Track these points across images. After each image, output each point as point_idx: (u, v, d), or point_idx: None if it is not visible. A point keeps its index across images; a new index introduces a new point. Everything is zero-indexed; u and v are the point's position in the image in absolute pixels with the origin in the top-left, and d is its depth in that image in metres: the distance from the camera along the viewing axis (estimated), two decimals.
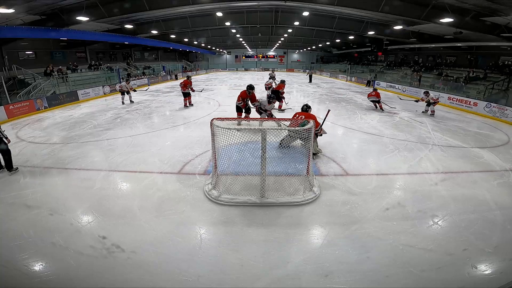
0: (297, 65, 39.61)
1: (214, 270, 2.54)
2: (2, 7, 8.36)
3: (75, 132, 7.25)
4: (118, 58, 22.84)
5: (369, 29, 16.00)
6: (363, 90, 17.90)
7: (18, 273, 2.51)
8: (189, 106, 10.73)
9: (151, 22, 16.94)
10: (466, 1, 8.99)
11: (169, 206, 3.57)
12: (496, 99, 10.61)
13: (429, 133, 7.28)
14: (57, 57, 16.92)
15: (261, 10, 17.03)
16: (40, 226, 3.15)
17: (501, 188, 4.22)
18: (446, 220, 3.35)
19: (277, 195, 3.73)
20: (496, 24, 10.68)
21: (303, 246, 2.89)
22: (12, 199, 3.78)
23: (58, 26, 11.79)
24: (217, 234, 3.10)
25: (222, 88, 17.97)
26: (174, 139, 6.30)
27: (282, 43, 31.66)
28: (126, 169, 4.75)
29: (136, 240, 2.92)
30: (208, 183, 4.04)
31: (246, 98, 7.25)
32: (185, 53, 35.75)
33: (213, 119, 3.77)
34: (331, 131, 7.12)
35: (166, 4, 12.08)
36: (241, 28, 21.95)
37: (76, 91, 12.56)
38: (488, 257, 2.72)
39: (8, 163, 4.71)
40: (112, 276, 2.47)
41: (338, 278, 2.45)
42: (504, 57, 14.66)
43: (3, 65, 13.02)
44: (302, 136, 3.79)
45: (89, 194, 3.92)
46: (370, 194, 3.91)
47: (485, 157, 5.57)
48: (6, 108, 8.83)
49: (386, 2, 10.84)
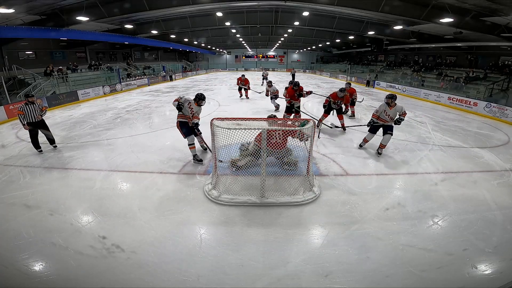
0: (297, 65, 39.60)
1: (214, 270, 2.54)
2: (2, 7, 8.37)
3: (75, 132, 7.25)
4: (118, 58, 22.85)
5: (369, 29, 16.02)
6: (363, 90, 17.91)
7: (18, 273, 2.51)
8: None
9: (151, 22, 16.96)
10: (466, 1, 8.99)
11: (169, 206, 3.57)
12: (496, 99, 10.61)
13: (429, 133, 7.28)
14: (57, 57, 16.94)
15: (261, 10, 17.04)
16: (40, 226, 3.14)
17: (501, 188, 4.22)
18: (446, 220, 3.35)
19: (277, 195, 3.73)
20: (496, 24, 10.69)
21: (303, 246, 2.89)
22: (12, 199, 3.78)
23: (58, 26, 11.80)
24: (217, 234, 3.10)
25: (222, 88, 17.97)
26: (174, 139, 6.29)
27: (282, 43, 31.68)
28: (126, 169, 4.75)
29: (136, 240, 2.92)
30: (208, 183, 4.04)
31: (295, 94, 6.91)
32: (185, 53, 35.79)
33: (213, 119, 3.77)
34: (331, 131, 7.13)
35: (166, 4, 12.10)
36: (241, 28, 21.96)
37: (76, 91, 12.55)
38: (488, 257, 2.72)
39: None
40: (112, 276, 2.47)
41: (338, 278, 2.45)
42: (504, 57, 14.68)
43: (3, 65, 13.02)
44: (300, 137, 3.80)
45: (89, 194, 3.92)
46: (370, 194, 3.91)
47: (485, 157, 5.57)
48: (6, 108, 8.82)
49: (386, 2, 10.85)
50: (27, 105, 5.28)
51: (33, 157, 5.36)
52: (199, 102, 4.90)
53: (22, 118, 5.22)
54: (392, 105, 5.18)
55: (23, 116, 5.22)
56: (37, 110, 5.40)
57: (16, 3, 8.89)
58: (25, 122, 5.25)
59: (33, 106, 5.34)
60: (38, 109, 5.43)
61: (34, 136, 5.43)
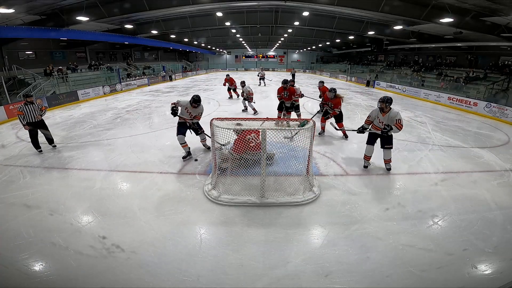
0: (297, 65, 39.60)
1: (214, 270, 2.54)
2: (2, 7, 8.36)
3: (75, 132, 7.25)
4: (118, 58, 22.85)
5: (369, 29, 16.01)
6: (363, 90, 17.91)
7: (18, 273, 2.51)
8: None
9: (151, 22, 16.95)
10: (466, 1, 8.99)
11: (169, 206, 3.57)
12: (496, 99, 10.61)
13: (429, 133, 7.28)
14: (57, 57, 16.93)
15: (261, 10, 17.03)
16: (40, 226, 3.14)
17: (501, 188, 4.22)
18: (446, 220, 3.35)
19: (277, 195, 3.73)
20: (496, 24, 10.69)
21: (303, 246, 2.89)
22: (12, 199, 3.78)
23: (58, 26, 11.80)
24: (217, 234, 3.10)
25: (222, 88, 17.93)
26: (174, 139, 6.25)
27: (282, 43, 31.68)
28: (126, 169, 4.75)
29: (136, 240, 2.92)
30: (208, 183, 4.04)
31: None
32: (185, 53, 35.78)
33: (212, 119, 3.78)
34: (331, 131, 7.12)
35: (166, 4, 12.09)
36: (241, 28, 21.96)
37: (76, 91, 12.55)
38: (488, 257, 2.72)
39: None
40: (112, 276, 2.47)
41: (338, 278, 2.45)
42: (504, 57, 14.68)
43: (3, 65, 13.02)
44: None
45: (89, 194, 3.92)
46: (370, 194, 3.91)
47: (485, 157, 5.57)
48: (6, 108, 8.82)
49: (386, 2, 10.85)
50: (27, 105, 5.28)
51: (33, 157, 5.36)
52: (193, 105, 4.92)
53: (22, 118, 5.23)
54: (386, 111, 4.27)
55: (23, 116, 5.23)
56: (37, 110, 5.40)
57: (16, 3, 8.89)
58: (25, 122, 5.25)
59: (32, 106, 5.34)
60: (38, 109, 5.43)
61: (34, 136, 5.43)
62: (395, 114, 4.19)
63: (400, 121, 4.14)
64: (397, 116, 4.16)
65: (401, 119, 4.18)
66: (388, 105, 4.20)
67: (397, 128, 4.19)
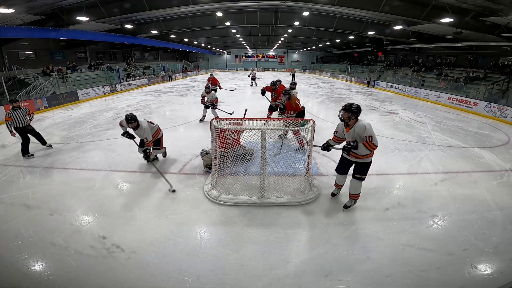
0: (297, 65, 39.60)
1: (214, 270, 2.54)
2: (2, 7, 8.36)
3: (75, 132, 7.25)
4: (118, 58, 22.84)
5: (369, 29, 16.01)
6: (363, 90, 17.92)
7: (18, 273, 2.51)
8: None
9: (151, 22, 16.95)
10: (466, 1, 8.99)
11: (169, 206, 3.57)
12: (496, 99, 10.61)
13: (429, 133, 7.28)
14: (57, 57, 16.92)
15: (261, 10, 17.03)
16: (40, 226, 3.14)
17: (501, 188, 4.22)
18: (446, 220, 3.35)
19: (277, 195, 3.73)
20: (496, 24, 10.68)
21: (303, 246, 2.89)
22: (12, 199, 3.78)
23: (58, 26, 11.79)
24: (217, 234, 3.10)
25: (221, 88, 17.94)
26: (174, 139, 6.29)
27: (282, 43, 31.66)
28: (126, 169, 4.76)
29: (136, 240, 2.92)
30: (208, 183, 4.04)
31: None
32: (185, 53, 35.78)
33: (212, 119, 3.79)
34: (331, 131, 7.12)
35: (166, 4, 12.09)
36: (241, 28, 21.96)
37: (76, 91, 12.55)
38: (488, 257, 2.72)
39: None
40: (112, 276, 2.47)
41: (338, 278, 2.45)
42: (504, 57, 14.67)
43: (3, 65, 13.02)
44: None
45: (89, 194, 3.92)
46: (370, 194, 3.91)
47: (485, 157, 5.57)
48: (6, 108, 8.80)
49: (386, 2, 10.84)
50: (15, 111, 5.17)
51: (33, 157, 5.35)
52: (129, 125, 4.41)
53: (9, 124, 5.11)
54: (350, 125, 3.08)
55: (11, 122, 5.11)
56: (25, 115, 5.30)
57: (16, 3, 8.89)
58: (12, 129, 5.13)
59: (20, 111, 5.23)
60: (26, 113, 5.32)
61: (27, 141, 5.30)
62: (362, 129, 2.92)
63: (371, 139, 2.90)
64: (367, 132, 2.89)
65: (373, 136, 2.91)
66: (352, 116, 3.02)
67: (366, 147, 2.94)
